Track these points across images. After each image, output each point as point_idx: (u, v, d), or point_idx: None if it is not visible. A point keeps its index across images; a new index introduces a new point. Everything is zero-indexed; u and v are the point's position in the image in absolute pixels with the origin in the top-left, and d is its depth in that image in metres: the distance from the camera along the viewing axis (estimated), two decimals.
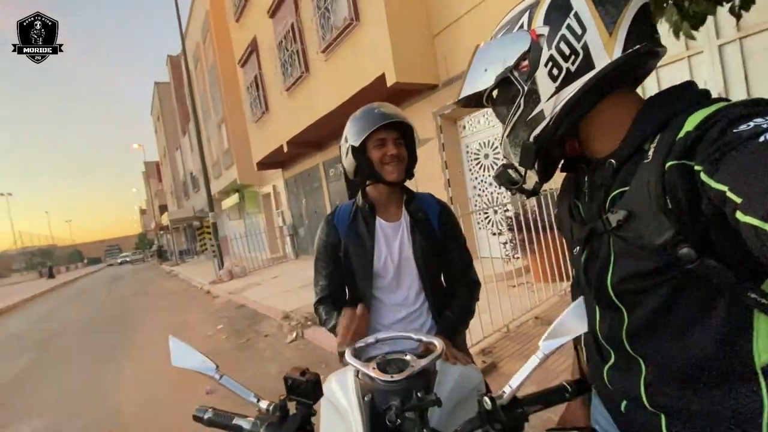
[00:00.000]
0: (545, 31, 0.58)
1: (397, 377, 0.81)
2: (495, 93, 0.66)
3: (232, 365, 3.93)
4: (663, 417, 0.58)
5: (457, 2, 5.33)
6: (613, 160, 0.59)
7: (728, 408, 0.52)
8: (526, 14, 0.60)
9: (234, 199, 15.63)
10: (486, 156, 5.89)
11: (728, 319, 0.51)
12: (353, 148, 1.15)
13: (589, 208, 0.65)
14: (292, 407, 0.72)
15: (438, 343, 0.90)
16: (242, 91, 11.30)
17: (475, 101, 0.71)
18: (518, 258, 4.34)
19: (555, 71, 0.58)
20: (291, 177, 11.52)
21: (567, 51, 0.56)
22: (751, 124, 0.43)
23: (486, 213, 5.67)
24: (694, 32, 1.81)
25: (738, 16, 1.92)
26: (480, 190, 6.11)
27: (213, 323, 5.98)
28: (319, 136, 8.64)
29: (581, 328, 0.61)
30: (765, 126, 0.41)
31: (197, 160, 12.21)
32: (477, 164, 6.08)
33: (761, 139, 0.40)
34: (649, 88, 3.56)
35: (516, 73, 0.61)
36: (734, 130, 0.43)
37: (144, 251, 52.02)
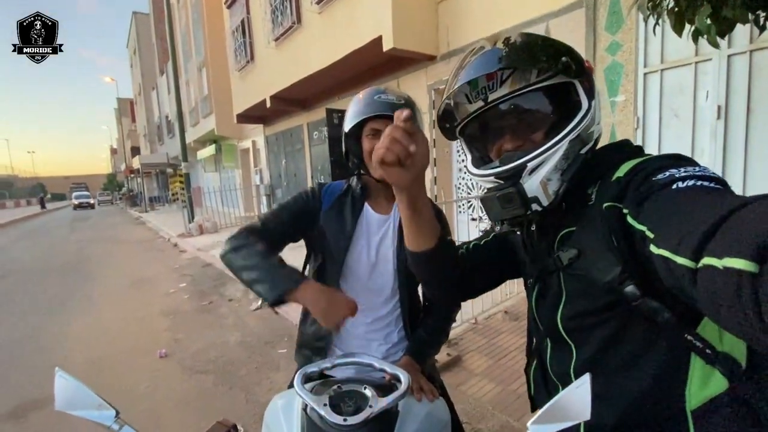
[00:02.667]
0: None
1: (351, 420, 0.68)
2: (535, 95, 0.62)
3: (191, 329, 3.78)
4: None
5: None
6: (563, 202, 0.63)
7: None
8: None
9: (210, 150, 14.91)
10: None
11: (666, 360, 0.54)
12: (345, 133, 1.03)
13: (539, 247, 0.69)
14: None
15: (403, 377, 0.77)
16: (227, 35, 10.49)
17: (478, 92, 0.64)
18: None
19: (598, 107, 0.63)
20: (272, 134, 11.01)
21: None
22: (667, 173, 0.49)
23: (470, 201, 5.58)
24: (718, 39, 1.67)
25: (762, 28, 1.78)
26: (464, 172, 5.98)
27: (176, 280, 5.76)
28: (305, 94, 8.18)
29: (584, 414, 0.48)
30: (677, 175, 0.48)
31: (174, 104, 11.42)
32: None
33: (674, 186, 0.47)
34: (653, 89, 3.44)
35: (581, 86, 0.61)
36: (654, 179, 0.50)
37: (112, 193, 49.73)
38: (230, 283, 5.38)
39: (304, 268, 1.15)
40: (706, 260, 0.34)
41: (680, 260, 0.38)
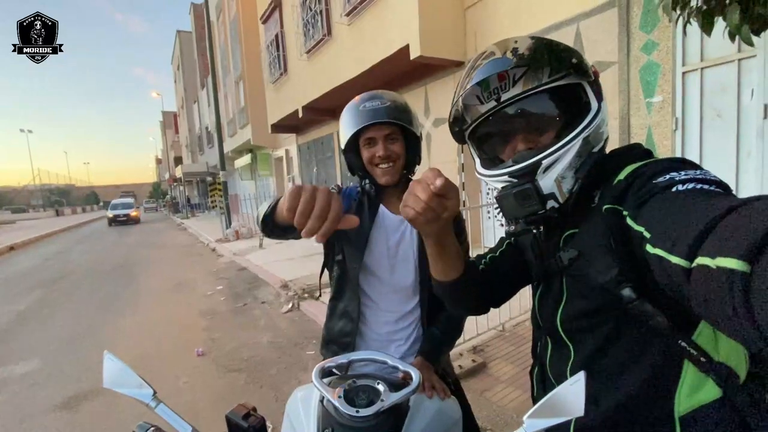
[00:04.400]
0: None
1: (363, 412, 0.73)
2: (545, 95, 0.62)
3: (226, 329, 3.97)
4: None
5: None
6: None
7: None
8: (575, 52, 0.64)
9: (246, 159, 15.55)
10: None
11: (658, 365, 0.55)
12: (343, 150, 1.07)
13: (546, 247, 0.71)
14: None
15: (414, 374, 0.81)
16: (262, 50, 10.98)
17: (491, 90, 0.64)
18: None
19: (606, 109, 0.64)
20: (304, 143, 11.35)
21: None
22: (667, 176, 0.50)
23: (496, 206, 5.52)
24: (753, 37, 1.59)
25: None
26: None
27: (214, 283, 6.06)
28: (335, 104, 8.39)
29: (578, 410, 0.51)
30: (678, 179, 0.48)
31: (213, 116, 12.07)
32: None
33: (673, 189, 0.47)
34: (693, 88, 3.29)
35: (590, 88, 0.62)
36: (654, 181, 0.51)
37: (157, 201, 52.90)
38: (263, 286, 5.59)
39: (323, 270, 1.19)
40: (700, 260, 0.34)
41: (674, 260, 0.38)
